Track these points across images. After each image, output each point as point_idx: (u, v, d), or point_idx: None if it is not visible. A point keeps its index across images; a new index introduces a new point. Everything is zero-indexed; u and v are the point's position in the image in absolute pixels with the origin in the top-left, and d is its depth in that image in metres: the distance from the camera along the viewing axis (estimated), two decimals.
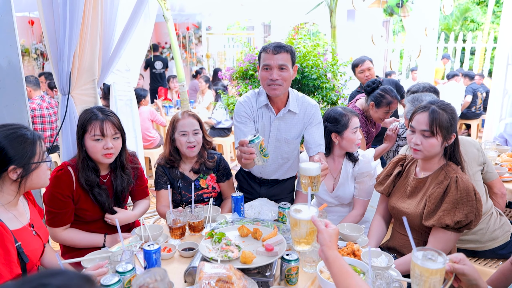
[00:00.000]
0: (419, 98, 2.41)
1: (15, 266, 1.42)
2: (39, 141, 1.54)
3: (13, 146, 1.46)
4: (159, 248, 1.49)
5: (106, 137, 1.92)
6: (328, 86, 4.09)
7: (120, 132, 1.99)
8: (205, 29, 12.17)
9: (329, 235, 1.24)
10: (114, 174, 2.08)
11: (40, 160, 1.53)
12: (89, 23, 2.19)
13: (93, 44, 2.28)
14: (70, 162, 2.00)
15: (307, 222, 1.36)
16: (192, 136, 2.22)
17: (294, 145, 2.29)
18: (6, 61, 2.08)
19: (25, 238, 1.53)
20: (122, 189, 2.10)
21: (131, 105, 4.39)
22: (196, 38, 12.06)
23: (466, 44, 9.88)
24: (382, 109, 2.97)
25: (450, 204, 1.65)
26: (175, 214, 1.86)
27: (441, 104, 1.74)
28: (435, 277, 1.18)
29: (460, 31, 13.16)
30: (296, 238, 1.41)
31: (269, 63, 2.03)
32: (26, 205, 1.66)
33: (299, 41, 4.10)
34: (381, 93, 2.95)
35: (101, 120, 1.90)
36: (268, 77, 2.05)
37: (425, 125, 1.72)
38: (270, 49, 2.03)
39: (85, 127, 1.90)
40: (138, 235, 1.84)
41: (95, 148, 1.91)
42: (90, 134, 1.90)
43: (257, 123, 2.23)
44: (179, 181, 2.29)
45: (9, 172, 1.46)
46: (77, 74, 2.26)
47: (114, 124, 1.95)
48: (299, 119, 2.21)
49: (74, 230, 2.02)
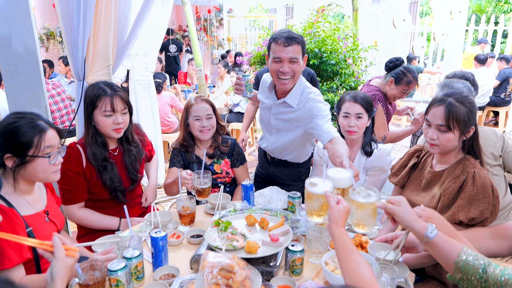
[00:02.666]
0: (450, 85, 2.31)
1: (25, 251, 1.44)
2: (40, 134, 1.48)
3: (10, 135, 1.45)
4: (165, 235, 1.51)
5: (116, 112, 1.96)
6: (348, 72, 4.00)
7: (128, 107, 2.03)
8: (226, 12, 12.06)
9: (338, 212, 1.26)
10: (122, 147, 2.13)
11: (37, 154, 1.47)
12: (102, 8, 2.20)
13: (107, 30, 2.29)
14: (79, 141, 2.06)
15: (320, 196, 1.38)
16: (206, 120, 2.24)
17: (297, 136, 2.23)
18: (23, 47, 2.11)
19: (37, 224, 1.56)
20: (132, 161, 2.13)
21: (149, 89, 4.43)
22: (218, 21, 11.96)
23: (498, 26, 9.43)
24: (400, 86, 2.91)
25: (465, 200, 1.59)
26: (184, 201, 1.88)
27: (459, 97, 1.64)
28: (365, 210, 1.31)
29: (493, 13, 12.55)
30: (309, 210, 1.44)
31: (280, 56, 1.99)
32: (43, 192, 1.69)
33: (318, 26, 4.00)
34: (403, 71, 2.90)
35: (111, 95, 1.94)
36: (279, 69, 2.02)
37: (441, 120, 1.64)
38: (282, 41, 1.98)
39: (94, 103, 1.93)
40: (149, 220, 1.88)
41: (105, 123, 1.95)
42: (101, 110, 1.93)
43: (265, 100, 2.31)
44: (194, 165, 2.31)
45: (6, 159, 1.46)
46: (91, 60, 2.28)
47: (123, 99, 1.99)
48: (295, 115, 2.16)
49: (90, 211, 2.07)
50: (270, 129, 2.33)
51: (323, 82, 3.94)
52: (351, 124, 2.13)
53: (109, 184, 2.02)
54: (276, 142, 2.32)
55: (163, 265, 1.52)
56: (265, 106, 2.32)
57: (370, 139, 2.20)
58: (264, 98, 2.32)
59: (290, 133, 2.24)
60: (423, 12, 14.86)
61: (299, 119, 2.16)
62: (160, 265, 1.51)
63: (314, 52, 3.83)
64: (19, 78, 2.15)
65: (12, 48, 2.08)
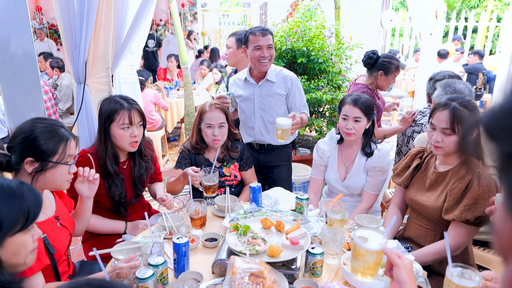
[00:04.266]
0: (452, 85, 2.41)
1: (42, 257, 1.46)
2: (65, 142, 1.53)
3: (33, 140, 1.46)
4: (187, 241, 1.53)
5: (133, 125, 1.98)
6: (334, 70, 4.08)
7: (143, 120, 2.04)
8: (200, 6, 11.91)
9: (407, 271, 1.08)
10: (132, 161, 2.13)
11: (60, 161, 1.51)
12: (103, 11, 2.16)
13: (107, 32, 2.25)
14: (89, 149, 2.04)
15: (375, 252, 1.20)
16: (218, 129, 2.27)
17: (280, 112, 2.63)
18: (21, 50, 2.04)
19: (50, 229, 1.56)
20: (140, 175, 2.15)
21: (135, 87, 4.35)
22: (191, 15, 11.79)
23: (468, 23, 9.83)
24: (392, 75, 3.04)
25: (471, 200, 1.69)
26: (195, 203, 1.90)
27: (463, 101, 1.75)
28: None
29: (462, 9, 13.05)
30: (358, 268, 1.24)
31: (260, 44, 2.46)
32: (51, 198, 1.68)
33: (306, 25, 4.05)
34: (387, 60, 3.03)
35: (128, 109, 1.96)
36: (259, 55, 2.48)
37: (445, 123, 1.74)
38: (259, 32, 2.47)
39: (112, 116, 1.94)
40: (161, 225, 1.88)
41: (123, 137, 1.97)
42: (118, 123, 1.95)
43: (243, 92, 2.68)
44: (203, 167, 2.33)
45: (25, 163, 1.47)
46: (92, 63, 2.23)
47: (139, 112, 2.02)
48: (277, 87, 2.61)
49: (96, 217, 2.05)
50: (254, 115, 2.67)
51: (310, 80, 4.01)
52: (349, 126, 2.21)
53: (116, 198, 2.05)
54: (262, 124, 2.67)
55: (185, 270, 1.54)
56: (245, 97, 2.67)
57: (369, 140, 2.28)
58: (242, 91, 2.68)
59: (274, 111, 2.62)
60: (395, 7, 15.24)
61: (280, 91, 2.61)
62: (182, 271, 1.53)
63: (302, 51, 3.89)
64: (17, 81, 2.08)
65: (11, 51, 2.01)
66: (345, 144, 2.34)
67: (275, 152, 2.77)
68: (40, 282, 1.43)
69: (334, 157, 2.37)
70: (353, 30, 9.77)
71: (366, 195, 2.27)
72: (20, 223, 1.07)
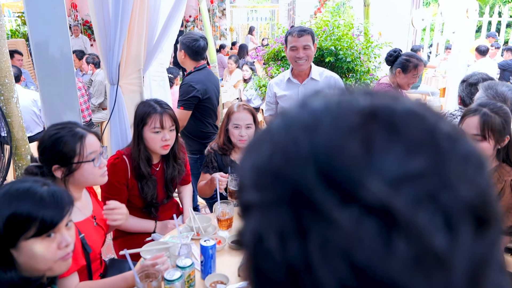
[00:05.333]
0: (494, 87, 2.32)
1: (79, 257, 1.50)
2: (81, 140, 1.53)
3: (54, 147, 1.50)
4: (215, 244, 1.56)
5: (165, 129, 2.00)
6: (363, 69, 4.03)
7: (175, 124, 2.07)
8: (229, 2, 11.97)
9: None
10: (166, 163, 2.17)
11: (82, 160, 1.52)
12: (136, 14, 2.21)
13: (139, 34, 2.30)
14: (125, 151, 2.10)
15: None
16: (244, 130, 2.28)
17: None
18: (59, 52, 2.13)
19: (88, 229, 1.61)
20: (172, 177, 2.19)
21: (164, 85, 4.44)
22: (220, 11, 11.87)
23: (502, 17, 9.43)
24: (410, 73, 2.95)
25: (504, 208, 1.65)
26: (222, 205, 1.93)
27: (494, 107, 1.69)
28: None
29: (496, 4, 12.52)
30: None
31: (295, 45, 2.55)
32: (89, 198, 1.74)
33: (333, 24, 4.01)
34: (406, 58, 2.95)
35: (160, 113, 1.99)
36: (295, 56, 2.56)
37: (476, 130, 1.69)
38: (295, 33, 2.56)
39: (145, 120, 1.99)
40: (189, 226, 1.92)
41: (154, 140, 2.00)
42: (150, 126, 1.98)
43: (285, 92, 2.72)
44: (229, 168, 2.37)
45: (54, 171, 1.52)
46: (125, 65, 2.30)
47: (171, 117, 2.04)
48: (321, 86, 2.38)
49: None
50: None
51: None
52: None
53: (148, 199, 2.10)
54: None
55: (211, 272, 1.58)
56: (289, 97, 2.70)
57: None
58: (285, 91, 2.73)
59: None
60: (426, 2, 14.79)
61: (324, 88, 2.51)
62: (209, 273, 1.57)
63: (330, 50, 3.85)
64: (55, 83, 2.17)
65: (49, 53, 2.10)
66: None
67: None
68: (75, 282, 1.49)
69: None
70: (382, 26, 9.55)
71: None
72: (33, 228, 1.07)
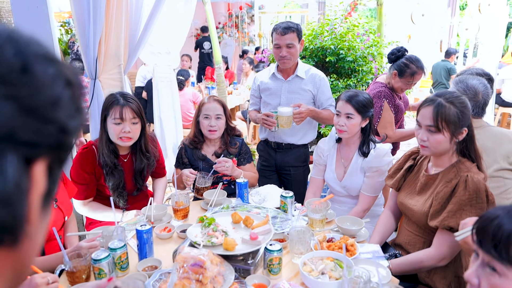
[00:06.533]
0: (464, 81, 2.22)
1: None
2: None
3: None
4: (150, 228, 1.58)
5: (125, 121, 2.04)
6: (365, 69, 3.92)
7: (139, 118, 2.10)
8: (257, 8, 12.08)
9: None
10: (134, 155, 2.22)
11: None
12: (113, 12, 2.30)
13: (118, 32, 2.39)
14: (95, 142, 2.17)
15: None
16: (214, 120, 2.30)
17: None
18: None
19: None
20: (141, 170, 2.23)
21: (171, 86, 4.57)
22: (249, 17, 12.03)
23: None
24: (405, 79, 2.76)
25: (456, 205, 1.54)
26: (178, 196, 1.96)
27: (450, 97, 1.59)
28: None
29: None
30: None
31: (279, 43, 2.46)
32: None
33: (335, 23, 3.95)
34: (405, 62, 2.74)
35: (122, 105, 2.03)
36: (278, 54, 2.49)
37: (429, 120, 1.60)
38: (280, 30, 2.45)
39: (107, 110, 2.05)
40: (144, 214, 1.96)
41: (114, 131, 2.05)
42: (111, 117, 2.04)
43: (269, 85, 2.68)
44: (200, 162, 2.39)
45: None
46: (103, 60, 2.39)
47: (133, 110, 2.07)
48: (306, 84, 2.59)
49: (95, 204, 2.19)
50: None
51: (340, 79, 3.89)
52: (341, 123, 2.11)
53: (114, 189, 2.14)
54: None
55: (147, 257, 1.59)
56: (272, 92, 2.65)
57: (368, 140, 2.16)
58: (267, 84, 2.67)
59: None
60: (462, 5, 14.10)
61: (308, 88, 2.60)
62: (144, 257, 1.59)
63: (331, 49, 3.79)
64: None
65: None
66: (343, 143, 2.25)
67: (293, 151, 2.72)
68: None
69: (332, 157, 2.28)
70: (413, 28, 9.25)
71: (363, 196, 2.15)
72: None
